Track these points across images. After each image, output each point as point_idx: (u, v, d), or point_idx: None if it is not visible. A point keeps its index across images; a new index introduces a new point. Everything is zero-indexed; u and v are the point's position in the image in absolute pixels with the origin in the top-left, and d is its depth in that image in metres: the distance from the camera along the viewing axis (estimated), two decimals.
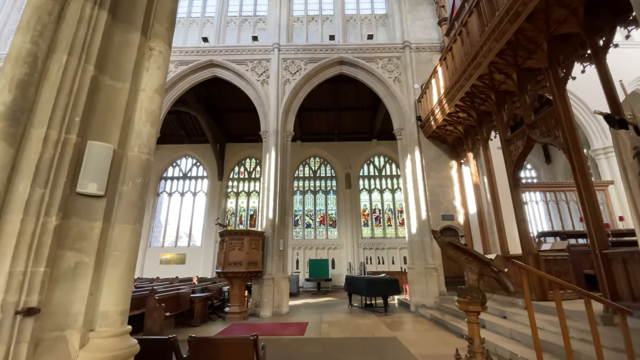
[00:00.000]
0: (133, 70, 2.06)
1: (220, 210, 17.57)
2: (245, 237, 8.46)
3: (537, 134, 6.06)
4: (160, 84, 2.16)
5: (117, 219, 1.82)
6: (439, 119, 8.78)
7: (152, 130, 2.06)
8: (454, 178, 9.60)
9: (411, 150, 9.79)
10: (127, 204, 1.86)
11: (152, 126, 2.06)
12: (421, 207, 9.26)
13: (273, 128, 9.99)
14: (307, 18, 11.83)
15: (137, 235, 1.89)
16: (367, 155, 18.06)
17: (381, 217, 17.29)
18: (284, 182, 9.80)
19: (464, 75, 7.12)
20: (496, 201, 7.63)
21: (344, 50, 10.96)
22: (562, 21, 4.93)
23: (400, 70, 10.69)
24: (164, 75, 2.20)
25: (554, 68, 5.51)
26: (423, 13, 11.44)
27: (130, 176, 1.91)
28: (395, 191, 17.66)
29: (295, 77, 10.66)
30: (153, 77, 2.14)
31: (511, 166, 6.81)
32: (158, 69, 2.17)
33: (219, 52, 11.08)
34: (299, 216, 17.58)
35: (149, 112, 2.05)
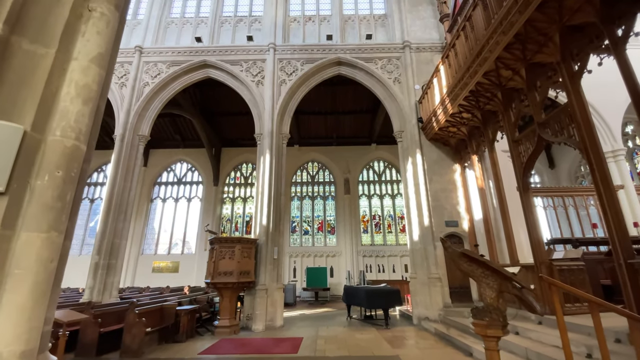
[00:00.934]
0: (63, 34, 1.61)
1: (216, 217, 17.05)
2: (237, 245, 7.95)
3: (548, 134, 5.62)
4: (99, 53, 1.70)
5: (25, 225, 1.35)
6: (441, 120, 8.35)
7: (85, 110, 1.59)
8: (458, 182, 9.14)
9: (412, 153, 9.34)
10: (39, 204, 1.38)
11: (85, 104, 1.60)
12: (423, 212, 8.77)
13: (268, 130, 9.55)
14: (304, 18, 11.51)
15: (52, 248, 1.41)
16: (366, 160, 17.62)
17: (381, 223, 16.77)
18: (279, 186, 9.32)
19: (468, 72, 6.71)
20: (504, 206, 7.15)
21: (342, 51, 10.60)
22: (576, 9, 4.52)
23: (400, 71, 10.31)
24: (106, 42, 1.75)
25: (566, 62, 5.09)
26: (423, 13, 11.12)
27: (48, 168, 1.44)
28: (396, 197, 17.17)
29: (291, 77, 10.27)
30: (90, 44, 1.68)
31: (520, 169, 6.36)
32: (98, 35, 1.72)
33: (213, 52, 10.71)
34: (296, 222, 17.06)
35: (80, 85, 1.59)
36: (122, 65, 10.89)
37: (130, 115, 10.17)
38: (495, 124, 7.42)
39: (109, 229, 9.20)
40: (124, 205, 9.54)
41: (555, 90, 5.50)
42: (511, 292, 2.62)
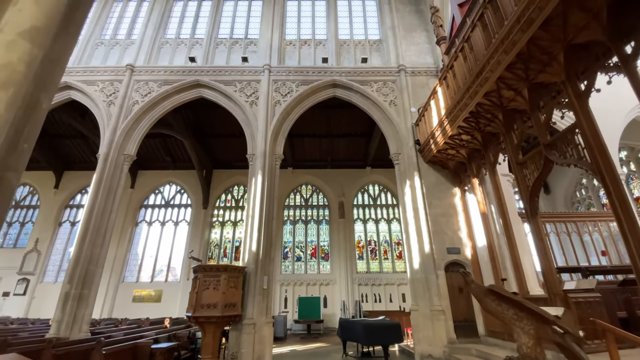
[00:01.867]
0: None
1: (203, 242, 16.23)
2: (222, 274, 7.27)
3: (556, 155, 5.35)
4: (33, 26, 1.30)
5: None
6: (439, 142, 8.11)
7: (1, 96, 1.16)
8: (458, 207, 8.77)
9: (410, 176, 9.01)
10: None
11: (2, 88, 1.16)
12: (424, 238, 8.30)
13: (261, 150, 9.18)
14: (300, 42, 11.55)
15: None
16: (361, 183, 17.29)
17: (377, 249, 16.15)
18: (270, 209, 8.81)
19: (468, 92, 6.53)
20: (509, 232, 6.75)
21: (337, 73, 10.53)
22: (581, 27, 4.38)
23: (396, 94, 10.23)
24: (46, 15, 1.35)
25: (572, 81, 4.91)
26: (417, 39, 11.27)
27: None
28: (392, 221, 16.70)
29: (286, 98, 10.08)
30: (23, 15, 1.28)
31: (527, 192, 6.02)
32: (36, 4, 1.32)
33: (207, 72, 10.54)
34: (288, 248, 16.32)
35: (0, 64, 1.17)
36: (112, 83, 10.61)
37: (116, 133, 9.74)
38: (496, 146, 7.17)
39: (84, 255, 8.45)
40: (102, 228, 8.85)
41: (561, 111, 5.27)
42: (552, 339, 2.13)
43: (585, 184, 15.60)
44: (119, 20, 12.53)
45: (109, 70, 10.87)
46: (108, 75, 10.79)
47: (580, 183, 15.91)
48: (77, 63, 11.12)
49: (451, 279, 8.19)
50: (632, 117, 9.70)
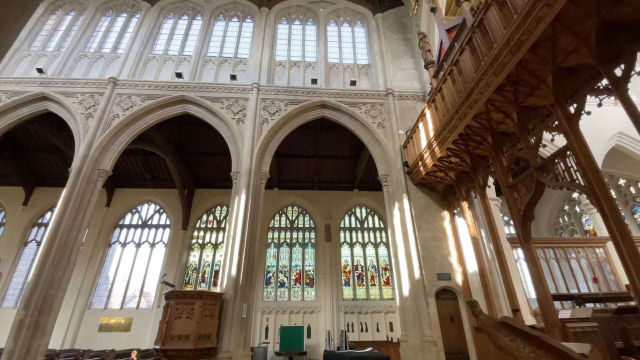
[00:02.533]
0: None
1: (181, 265, 15.28)
2: (197, 301, 6.66)
3: (547, 178, 5.25)
4: None
5: None
6: (428, 164, 8.01)
7: None
8: (448, 230, 8.55)
9: (399, 198, 8.81)
10: None
11: None
12: (413, 263, 7.96)
13: (246, 168, 8.84)
14: (290, 63, 11.60)
15: None
16: (348, 206, 16.98)
17: (364, 274, 15.60)
18: (253, 230, 8.34)
19: (457, 114, 6.51)
20: (502, 258, 6.51)
21: (326, 94, 10.53)
22: (570, 50, 4.41)
23: (384, 116, 10.25)
24: None
25: (561, 104, 4.91)
26: (405, 65, 11.53)
27: None
28: (379, 245, 16.30)
29: (274, 117, 9.91)
30: None
31: (519, 216, 5.86)
32: None
33: (193, 88, 10.33)
34: (271, 273, 15.55)
35: None
36: (92, 96, 10.22)
37: (92, 147, 9.22)
38: (485, 169, 7.10)
39: (45, 278, 7.64)
40: (68, 248, 8.10)
41: (551, 133, 5.24)
42: None
43: (568, 210, 15.84)
44: (105, 34, 12.35)
45: (90, 82, 10.50)
46: (89, 88, 10.41)
47: (563, 210, 16.16)
48: (57, 74, 10.70)
49: (442, 308, 7.80)
50: (612, 145, 10.00)
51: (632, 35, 3.84)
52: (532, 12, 4.33)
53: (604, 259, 9.09)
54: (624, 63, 3.98)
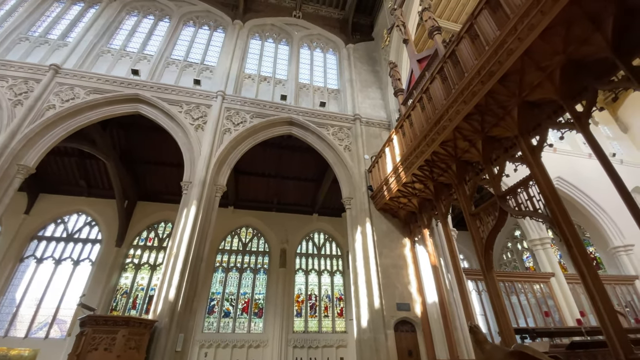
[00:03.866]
0: None
1: (109, 288, 13.18)
2: (121, 330, 5.49)
3: (511, 207, 5.32)
4: None
5: None
6: (393, 188, 7.93)
7: None
8: (408, 258, 8.37)
9: (362, 222, 8.53)
10: None
11: None
12: (374, 291, 7.55)
13: (200, 178, 8.00)
14: (259, 78, 11.31)
15: None
16: (306, 231, 16.37)
17: (318, 305, 14.76)
18: (201, 249, 7.39)
19: (425, 140, 6.56)
20: (463, 288, 6.38)
21: (295, 112, 10.29)
22: (536, 85, 4.64)
23: (351, 140, 10.22)
24: None
25: (525, 136, 5.11)
26: (372, 94, 11.86)
27: None
28: (335, 274, 15.72)
29: (238, 127, 9.34)
30: None
31: (481, 245, 5.83)
32: None
33: (150, 88, 9.46)
34: (216, 300, 14.04)
35: None
36: (27, 82, 8.85)
37: (14, 138, 7.78)
38: (448, 197, 7.15)
39: None
40: None
41: (515, 164, 5.40)
42: None
43: (511, 247, 16.88)
44: (55, 20, 11.10)
45: (26, 67, 9.14)
46: (24, 72, 9.03)
47: (506, 246, 17.19)
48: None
49: (400, 341, 7.37)
50: None
51: (594, 74, 4.11)
52: (504, 44, 4.52)
53: (547, 294, 9.51)
54: (586, 99, 4.23)
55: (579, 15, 3.76)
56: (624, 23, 3.61)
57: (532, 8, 4.05)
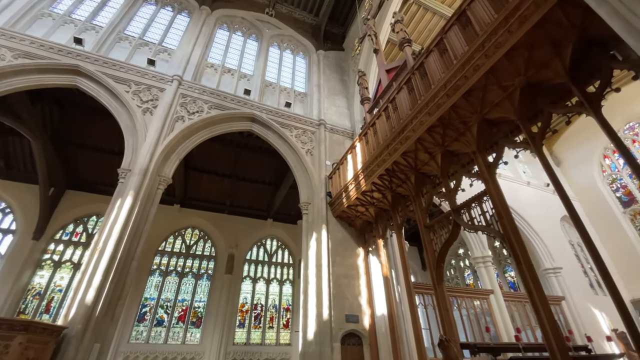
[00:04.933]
0: None
1: (18, 286, 11.21)
2: (18, 336, 4.48)
3: (464, 220, 5.39)
4: None
5: None
6: (352, 196, 7.78)
7: None
8: (361, 268, 8.21)
9: (318, 228, 8.23)
10: None
11: None
12: (323, 301, 7.20)
13: (141, 166, 7.12)
14: (223, 69, 10.67)
15: None
16: (259, 236, 15.63)
17: (263, 315, 14.00)
18: (133, 246, 6.50)
19: (387, 149, 6.52)
20: (412, 300, 6.31)
21: (258, 109, 9.81)
22: (496, 104, 4.79)
23: (314, 144, 9.99)
24: None
25: (482, 152, 5.24)
26: (339, 102, 11.82)
27: None
28: (284, 283, 15.13)
29: (193, 117, 8.60)
30: None
31: (433, 257, 5.83)
32: None
33: (95, 61, 8.37)
34: (149, 307, 12.65)
35: None
36: None
37: None
38: (405, 208, 7.15)
39: None
40: None
41: (471, 179, 5.52)
42: None
43: (454, 264, 17.73)
44: None
45: None
46: None
47: (450, 263, 18.02)
48: None
49: (346, 354, 7.08)
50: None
51: (550, 98, 4.32)
52: (471, 60, 4.61)
53: (486, 310, 9.94)
54: (541, 122, 4.42)
55: (543, 39, 3.92)
56: (582, 52, 3.83)
57: (501, 27, 4.16)
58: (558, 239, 12.19)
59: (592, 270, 12.63)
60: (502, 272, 14.19)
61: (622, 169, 13.33)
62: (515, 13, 3.96)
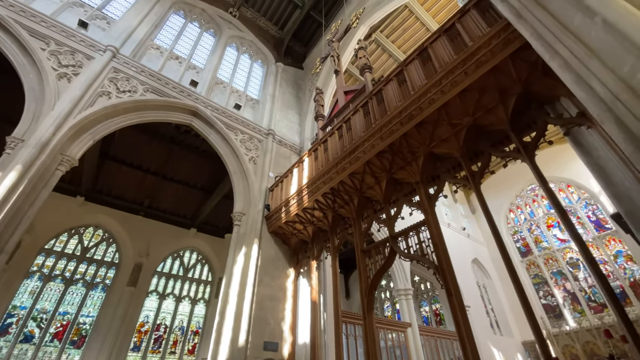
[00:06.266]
0: None
1: None
2: None
3: (401, 248, 5.39)
4: None
5: None
6: (292, 211, 7.37)
7: None
8: (289, 290, 7.65)
9: (249, 243, 7.52)
10: None
11: None
12: (242, 326, 6.40)
13: (40, 138, 5.72)
14: (170, 54, 9.67)
15: None
16: (177, 246, 13.92)
17: (165, 337, 12.13)
18: (5, 234, 5.01)
19: (336, 167, 6.38)
20: (339, 330, 5.98)
21: (203, 104, 8.99)
22: (444, 139, 5.02)
23: (259, 153, 9.45)
24: None
25: (425, 184, 5.41)
26: (291, 117, 11.62)
27: None
28: (197, 302, 13.52)
29: (122, 96, 7.42)
30: None
31: (367, 284, 5.66)
32: None
33: (10, 6, 6.79)
34: (17, 317, 9.98)
35: None
36: None
37: None
38: (343, 231, 6.98)
39: None
40: None
41: (411, 208, 5.61)
42: None
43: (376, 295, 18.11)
44: None
45: None
46: None
47: None
48: None
49: None
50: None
51: (492, 141, 4.66)
52: (428, 93, 4.81)
53: (403, 342, 10.09)
54: (481, 161, 4.71)
55: (492, 86, 4.25)
56: (523, 104, 4.24)
57: (458, 68, 4.43)
58: (468, 278, 13.32)
59: (492, 311, 14.02)
60: (418, 307, 14.87)
61: (522, 223, 15.51)
62: (473, 57, 4.25)
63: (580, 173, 13.04)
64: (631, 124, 2.19)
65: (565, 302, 12.87)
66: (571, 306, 12.67)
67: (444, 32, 5.01)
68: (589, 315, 12.04)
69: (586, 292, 12.47)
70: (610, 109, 2.38)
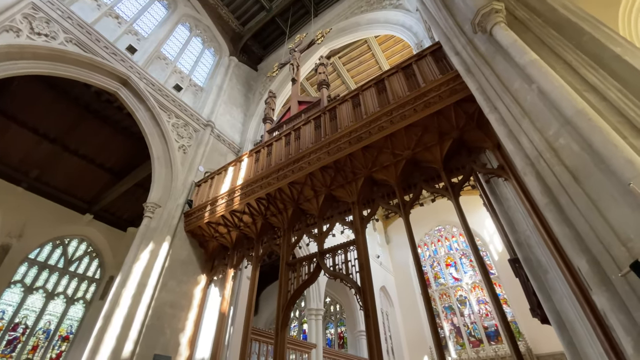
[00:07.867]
0: None
1: None
2: None
3: (327, 266, 5.34)
4: None
5: None
6: (218, 212, 6.79)
7: None
8: (196, 299, 6.88)
9: (159, 239, 6.61)
10: None
11: None
12: (130, 334, 5.44)
13: None
14: (110, 11, 8.41)
15: None
16: (63, 232, 11.54)
17: (23, 341, 9.67)
18: None
19: (277, 173, 6.16)
20: (246, 346, 5.53)
21: (137, 74, 7.93)
22: (384, 166, 5.28)
23: (192, 143, 8.65)
24: None
25: (360, 205, 5.56)
26: (235, 114, 11.06)
27: None
28: (75, 302, 11.27)
29: (36, 39, 6.06)
30: None
31: (285, 299, 5.42)
32: None
33: None
34: None
35: None
36: None
37: None
38: (270, 240, 6.67)
39: None
40: None
41: (343, 226, 5.67)
42: None
43: None
44: None
45: None
46: None
47: None
48: None
49: None
50: None
51: (425, 176, 5.04)
52: (378, 120, 5.06)
53: None
54: (413, 193, 5.05)
55: (435, 127, 4.66)
56: (456, 149, 4.72)
57: (409, 103, 4.78)
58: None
59: (390, 338, 14.89)
60: (325, 328, 14.97)
61: (427, 259, 17.18)
62: (423, 97, 4.64)
63: (476, 222, 15.13)
64: (549, 179, 2.55)
65: (450, 334, 14.42)
66: (455, 339, 14.23)
67: (401, 69, 5.41)
68: (468, 348, 13.66)
69: (468, 327, 14.19)
70: (533, 163, 2.76)
